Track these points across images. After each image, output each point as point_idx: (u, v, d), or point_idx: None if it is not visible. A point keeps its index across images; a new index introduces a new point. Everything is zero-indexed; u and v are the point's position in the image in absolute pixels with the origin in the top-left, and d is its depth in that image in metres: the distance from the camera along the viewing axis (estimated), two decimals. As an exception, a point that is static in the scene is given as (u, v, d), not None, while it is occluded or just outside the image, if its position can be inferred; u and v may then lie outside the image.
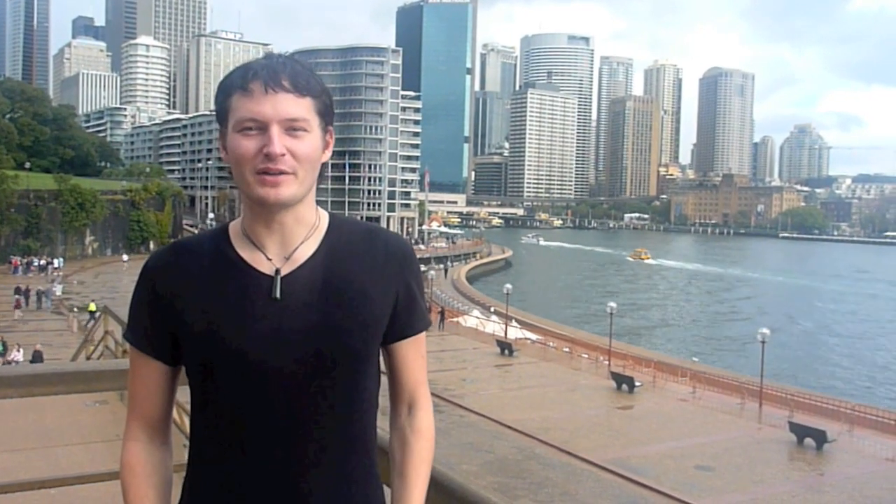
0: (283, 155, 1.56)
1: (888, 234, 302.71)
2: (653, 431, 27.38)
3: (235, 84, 1.59)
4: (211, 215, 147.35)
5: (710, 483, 21.61)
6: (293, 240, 1.67)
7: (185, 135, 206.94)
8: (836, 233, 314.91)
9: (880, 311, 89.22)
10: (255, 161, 1.57)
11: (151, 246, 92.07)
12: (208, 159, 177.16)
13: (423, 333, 1.84)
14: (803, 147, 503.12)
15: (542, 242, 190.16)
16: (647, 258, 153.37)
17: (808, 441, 25.87)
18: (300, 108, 1.59)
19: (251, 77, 1.58)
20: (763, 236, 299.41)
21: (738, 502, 20.47)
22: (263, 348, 1.60)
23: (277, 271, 1.65)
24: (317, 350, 1.62)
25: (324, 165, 1.70)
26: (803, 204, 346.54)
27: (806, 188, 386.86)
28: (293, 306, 1.62)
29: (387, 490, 1.82)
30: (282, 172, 1.57)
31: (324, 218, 1.72)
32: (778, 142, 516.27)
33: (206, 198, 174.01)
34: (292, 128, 1.58)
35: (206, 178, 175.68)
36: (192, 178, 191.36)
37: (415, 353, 1.82)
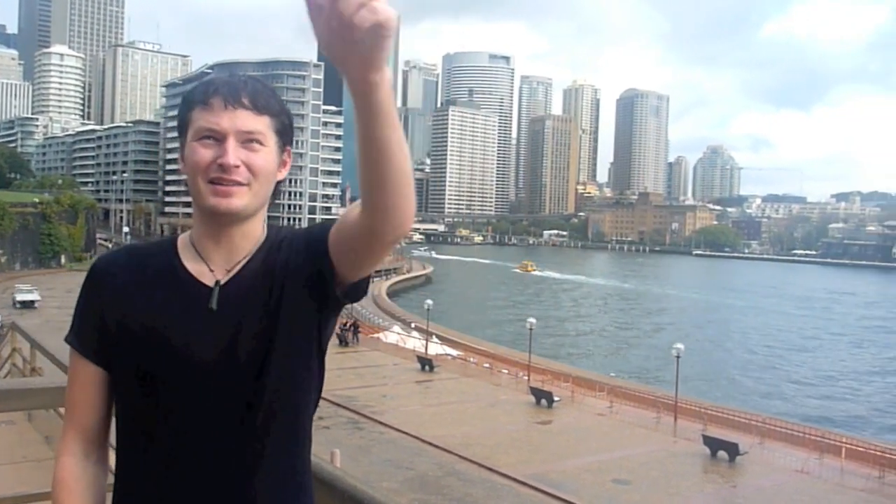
0: (238, 167, 1.57)
1: (796, 252, 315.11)
2: (571, 446, 27.62)
3: (197, 98, 1.61)
4: (126, 229, 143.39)
5: (627, 497, 21.86)
6: (238, 254, 1.68)
7: (99, 147, 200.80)
8: (746, 250, 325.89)
9: (789, 327, 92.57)
10: (209, 171, 1.58)
11: (63, 260, 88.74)
12: (124, 172, 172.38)
13: None
14: (716, 167, 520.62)
15: (434, 255, 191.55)
16: (533, 270, 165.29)
17: (722, 454, 26.50)
18: (257, 123, 1.60)
19: (212, 92, 1.59)
20: (677, 254, 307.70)
21: (654, 515, 20.75)
22: (198, 359, 1.59)
23: (217, 283, 1.65)
24: (251, 360, 1.61)
25: (279, 184, 1.70)
26: (716, 222, 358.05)
27: (718, 207, 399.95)
28: (229, 318, 1.62)
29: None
30: (235, 183, 1.58)
31: (265, 231, 1.73)
32: (692, 162, 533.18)
33: (121, 211, 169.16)
34: (248, 140, 1.59)
35: (122, 191, 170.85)
36: (106, 191, 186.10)
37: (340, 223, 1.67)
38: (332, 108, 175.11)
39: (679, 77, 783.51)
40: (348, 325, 48.71)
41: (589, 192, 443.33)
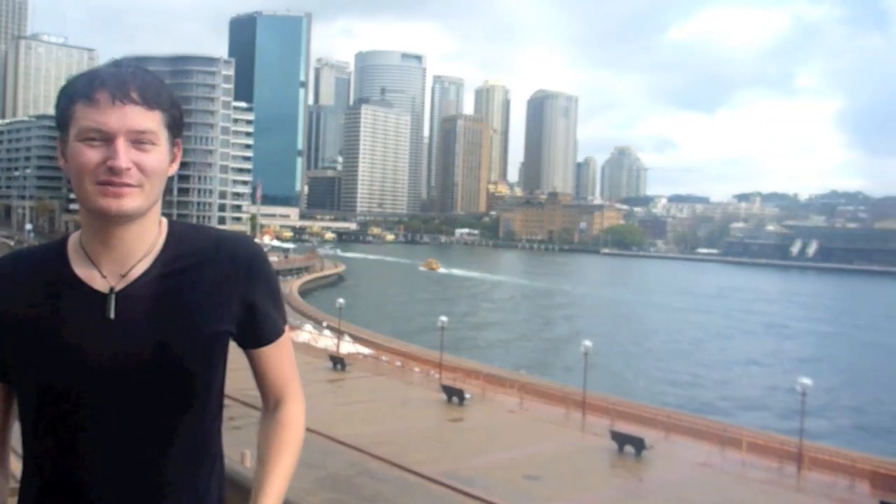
0: (129, 169, 1.48)
1: (699, 250, 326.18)
2: (482, 443, 27.66)
3: (80, 92, 1.50)
4: (29, 226, 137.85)
5: (537, 492, 22.00)
6: (132, 256, 1.58)
7: (0, 141, 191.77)
8: (652, 249, 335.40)
9: (692, 324, 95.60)
10: (98, 173, 1.47)
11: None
12: (26, 167, 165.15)
13: (287, 334, 1.79)
14: (623, 168, 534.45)
15: (340, 253, 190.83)
16: (438, 268, 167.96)
17: (629, 448, 27.00)
18: (148, 120, 1.51)
19: (98, 86, 1.48)
20: (586, 252, 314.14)
21: (564, 510, 20.93)
22: (97, 371, 1.52)
23: (112, 290, 1.56)
24: (154, 371, 1.54)
25: (170, 179, 1.61)
26: (623, 222, 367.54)
27: (625, 207, 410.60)
28: (128, 326, 1.54)
29: None
30: (127, 185, 1.48)
31: (164, 230, 1.63)
32: (600, 162, 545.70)
33: (24, 208, 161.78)
34: (139, 140, 1.49)
35: (24, 187, 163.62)
36: (7, 188, 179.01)
37: (277, 357, 1.79)
38: (243, 104, 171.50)
39: (588, 79, 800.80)
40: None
41: (500, 192, 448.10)
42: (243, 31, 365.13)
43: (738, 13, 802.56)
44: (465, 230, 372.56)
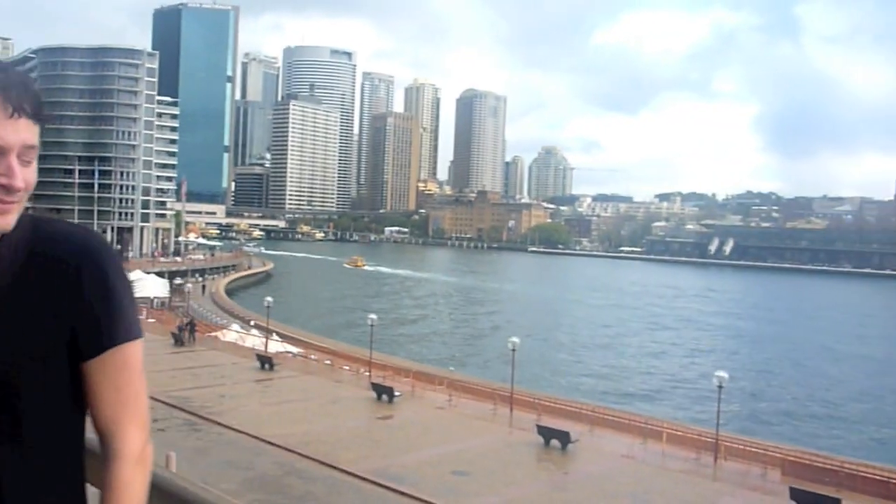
0: (21, 188, 1.40)
1: (623, 248, 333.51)
2: (412, 440, 27.94)
3: None
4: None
5: (466, 487, 22.37)
6: None
7: None
8: (578, 247, 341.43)
9: (616, 319, 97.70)
10: None
11: None
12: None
13: (128, 350, 1.55)
14: (550, 167, 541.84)
15: (263, 251, 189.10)
16: (363, 265, 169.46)
17: (555, 442, 27.66)
18: (34, 134, 1.42)
19: None
20: (514, 250, 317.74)
21: (491, 504, 21.37)
22: None
23: None
24: None
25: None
26: (550, 220, 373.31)
27: (552, 206, 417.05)
28: None
29: None
30: (14, 202, 1.40)
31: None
32: (527, 161, 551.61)
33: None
34: (26, 156, 1.41)
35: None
36: None
37: (105, 380, 1.52)
38: (168, 98, 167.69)
39: (516, 79, 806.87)
40: (184, 323, 46.97)
41: (429, 190, 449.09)
42: (167, 24, 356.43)
43: (660, 18, 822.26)
44: (395, 228, 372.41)
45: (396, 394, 33.94)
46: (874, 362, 73.06)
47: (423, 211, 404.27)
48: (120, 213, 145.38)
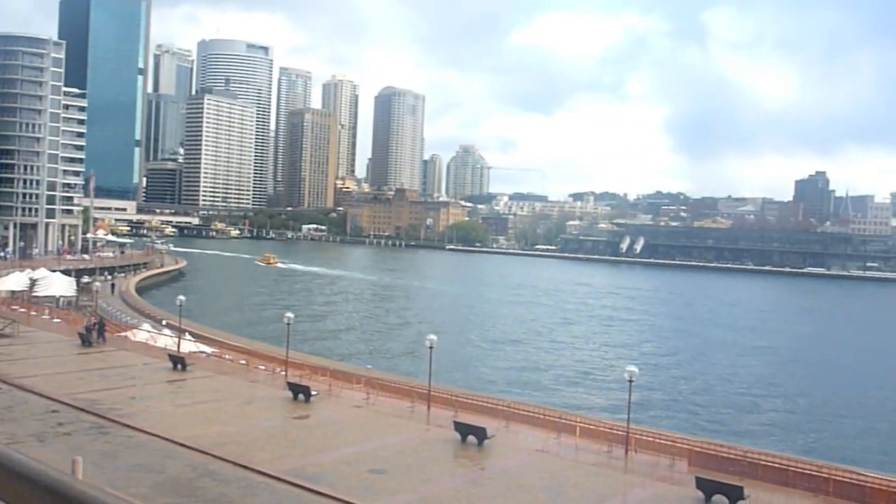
0: None
1: (538, 246, 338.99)
2: (329, 439, 27.81)
3: None
4: None
5: (382, 485, 22.40)
6: None
7: None
8: (495, 245, 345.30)
9: (531, 316, 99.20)
10: None
11: None
12: None
13: None
14: (467, 166, 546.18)
15: (172, 248, 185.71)
16: (275, 262, 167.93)
17: (471, 438, 27.95)
18: None
19: None
20: (432, 248, 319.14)
21: (407, 502, 21.44)
22: None
23: None
24: None
25: None
26: (467, 219, 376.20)
27: (469, 204, 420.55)
28: None
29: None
30: None
31: None
32: (445, 160, 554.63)
33: None
34: None
35: None
36: None
37: None
38: (75, 90, 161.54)
39: (435, 78, 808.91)
40: (92, 323, 45.45)
41: (348, 187, 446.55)
42: (75, 12, 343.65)
43: (575, 20, 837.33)
44: (313, 226, 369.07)
45: (313, 393, 33.69)
46: (773, 354, 76.35)
47: (341, 208, 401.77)
48: (23, 209, 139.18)
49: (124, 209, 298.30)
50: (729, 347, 79.51)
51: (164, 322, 61.42)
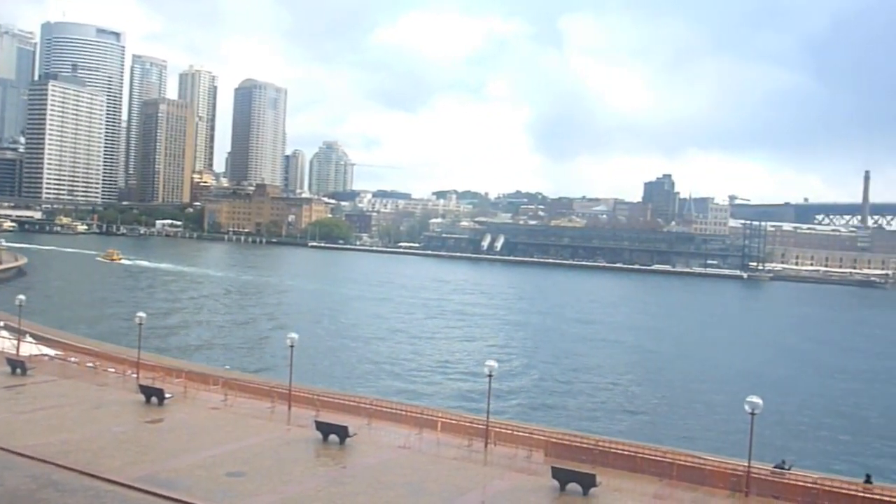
0: None
1: (402, 244, 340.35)
2: (184, 443, 26.91)
3: None
4: None
5: (241, 488, 21.92)
6: None
7: None
8: (358, 243, 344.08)
9: (393, 313, 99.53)
10: None
11: None
12: None
13: None
14: (331, 162, 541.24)
15: (4, 243, 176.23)
16: (119, 259, 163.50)
17: (333, 437, 27.80)
18: None
19: None
20: (294, 245, 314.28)
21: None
22: None
23: None
24: None
25: None
26: (330, 215, 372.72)
27: (333, 201, 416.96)
28: None
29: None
30: None
31: None
32: (308, 156, 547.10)
33: None
34: None
35: None
36: None
37: None
38: None
39: (298, 73, 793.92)
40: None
41: (205, 182, 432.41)
42: None
43: (440, 20, 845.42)
44: (168, 221, 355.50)
45: (167, 395, 32.61)
46: (624, 347, 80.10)
47: (198, 204, 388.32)
48: None
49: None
50: (583, 341, 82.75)
51: (1, 323, 57.43)
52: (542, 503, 22.99)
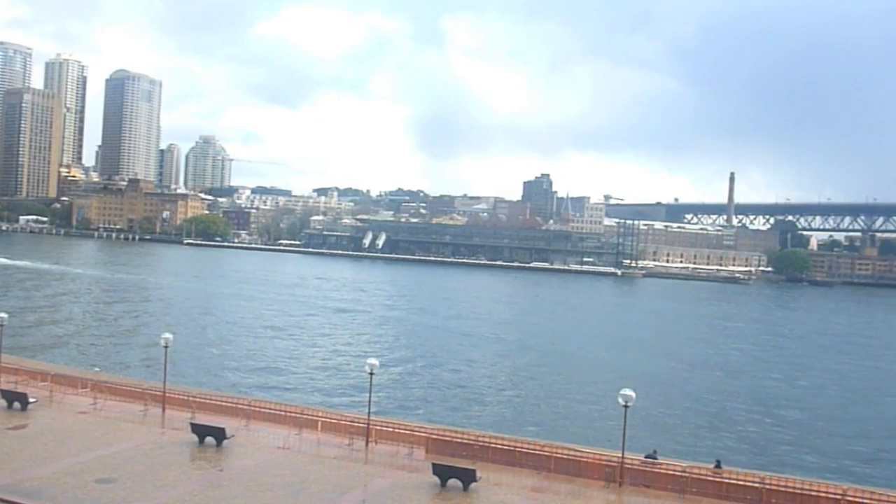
0: None
1: (282, 241, 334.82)
2: (50, 450, 25.74)
3: None
4: None
5: (112, 495, 21.20)
6: None
7: None
8: (236, 240, 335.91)
9: (272, 312, 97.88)
10: None
11: None
12: None
13: None
14: (208, 157, 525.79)
15: None
16: None
17: (210, 439, 27.25)
18: None
19: None
20: (168, 242, 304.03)
21: (140, 509, 20.47)
22: None
23: None
24: None
25: None
26: (207, 212, 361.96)
27: (210, 197, 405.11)
28: None
29: None
30: None
31: None
32: (184, 150, 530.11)
33: None
34: None
35: None
36: None
37: None
38: None
39: (174, 65, 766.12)
40: None
41: (74, 176, 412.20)
42: None
43: (320, 16, 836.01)
44: (32, 217, 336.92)
45: (31, 400, 31.12)
46: (503, 343, 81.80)
47: (66, 199, 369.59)
48: None
49: None
50: (463, 337, 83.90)
51: None
52: (423, 500, 23.31)
